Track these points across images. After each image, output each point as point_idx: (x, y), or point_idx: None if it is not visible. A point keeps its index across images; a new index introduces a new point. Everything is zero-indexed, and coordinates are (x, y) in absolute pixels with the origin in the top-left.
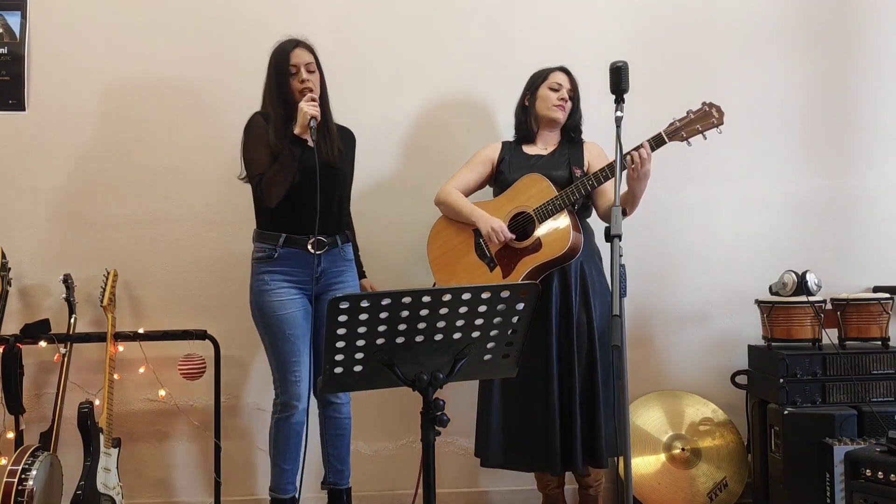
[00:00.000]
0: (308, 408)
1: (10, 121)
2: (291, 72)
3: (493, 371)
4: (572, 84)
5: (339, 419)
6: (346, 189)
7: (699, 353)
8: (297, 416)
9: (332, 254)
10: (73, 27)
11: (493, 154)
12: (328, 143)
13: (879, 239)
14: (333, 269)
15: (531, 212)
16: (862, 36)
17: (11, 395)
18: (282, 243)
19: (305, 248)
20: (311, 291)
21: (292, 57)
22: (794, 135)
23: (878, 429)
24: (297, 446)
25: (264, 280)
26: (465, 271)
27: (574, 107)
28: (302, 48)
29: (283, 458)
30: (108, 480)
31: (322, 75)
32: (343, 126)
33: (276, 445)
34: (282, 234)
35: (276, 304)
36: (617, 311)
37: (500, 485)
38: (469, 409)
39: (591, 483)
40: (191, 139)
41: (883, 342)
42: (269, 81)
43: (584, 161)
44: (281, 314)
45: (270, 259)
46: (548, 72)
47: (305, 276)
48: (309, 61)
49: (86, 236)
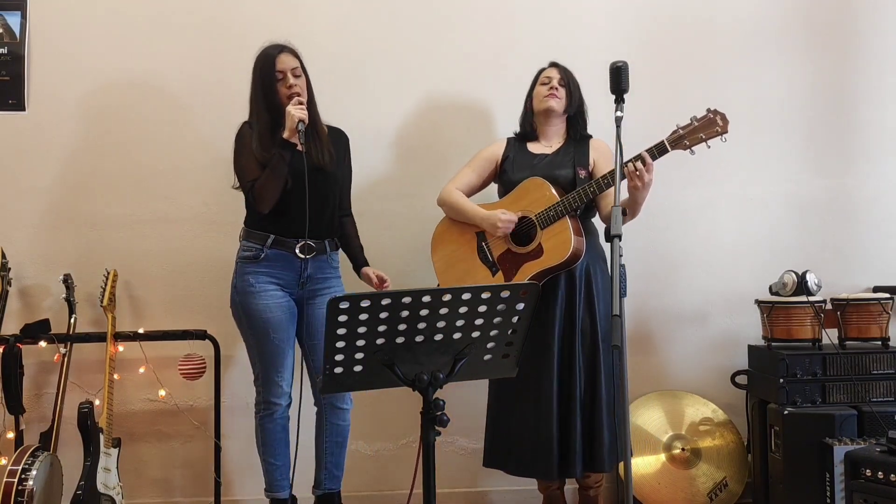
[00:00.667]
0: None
1: (9, 121)
2: (278, 77)
3: (493, 371)
4: (563, 74)
5: (341, 426)
6: (338, 193)
7: (699, 353)
8: (281, 411)
9: (320, 260)
10: (73, 27)
11: (497, 152)
12: (318, 147)
13: (879, 239)
14: (319, 276)
15: (533, 217)
16: (862, 36)
17: (11, 395)
18: (269, 244)
19: (293, 252)
20: (295, 294)
21: (278, 63)
22: (794, 135)
23: (878, 429)
24: (283, 442)
25: (249, 281)
26: (468, 275)
27: (570, 94)
28: (287, 53)
29: (271, 454)
30: (108, 480)
31: (308, 79)
32: (335, 127)
33: (265, 443)
34: (270, 234)
35: (262, 306)
36: (617, 311)
37: (500, 485)
38: (469, 410)
39: (592, 484)
40: (191, 139)
41: (883, 342)
42: (255, 88)
43: (589, 160)
44: (267, 316)
45: (257, 259)
46: (539, 71)
47: (291, 279)
48: (295, 66)
49: (86, 236)
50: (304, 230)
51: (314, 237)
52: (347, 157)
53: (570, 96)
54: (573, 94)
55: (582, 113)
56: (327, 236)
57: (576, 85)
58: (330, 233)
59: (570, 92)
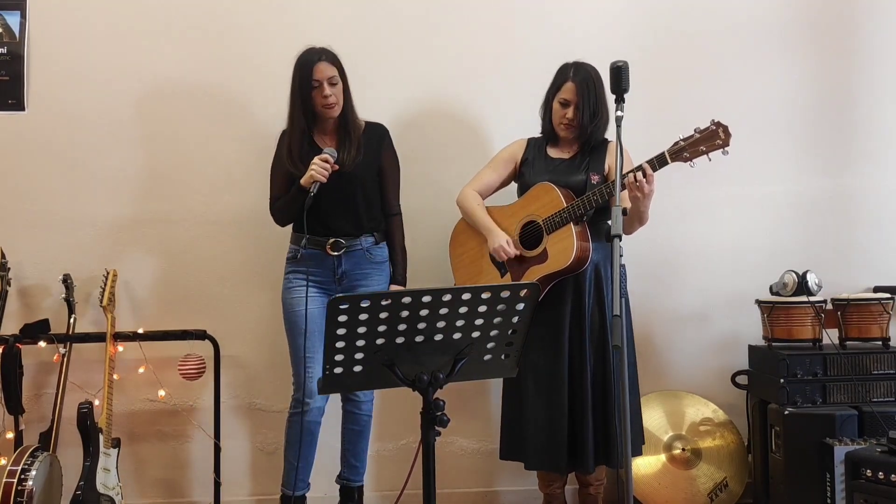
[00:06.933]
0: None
1: (9, 121)
2: (314, 86)
3: (493, 371)
4: (581, 93)
5: (357, 415)
6: (367, 190)
7: (699, 353)
8: (311, 414)
9: (355, 256)
10: (73, 27)
11: (517, 153)
12: (347, 150)
13: (880, 239)
14: (356, 272)
15: (540, 222)
16: (862, 36)
17: (11, 395)
18: (304, 244)
19: (324, 250)
20: (333, 291)
21: (315, 72)
22: (795, 134)
23: (878, 429)
24: (308, 444)
25: (289, 279)
26: (478, 275)
27: (587, 114)
28: (324, 62)
29: (293, 455)
30: (108, 481)
31: (346, 82)
32: (373, 123)
33: (288, 440)
34: (305, 235)
35: (295, 300)
36: (617, 311)
37: (500, 485)
38: (469, 410)
39: (592, 482)
40: (190, 139)
41: (883, 342)
42: (292, 94)
43: (604, 165)
44: (298, 310)
45: (295, 259)
46: (562, 80)
47: (326, 276)
48: (332, 75)
49: (86, 236)
50: (333, 229)
51: (345, 235)
52: (387, 152)
53: (587, 112)
54: (591, 111)
55: (598, 122)
56: (362, 233)
57: (596, 94)
58: (365, 229)
59: (587, 106)
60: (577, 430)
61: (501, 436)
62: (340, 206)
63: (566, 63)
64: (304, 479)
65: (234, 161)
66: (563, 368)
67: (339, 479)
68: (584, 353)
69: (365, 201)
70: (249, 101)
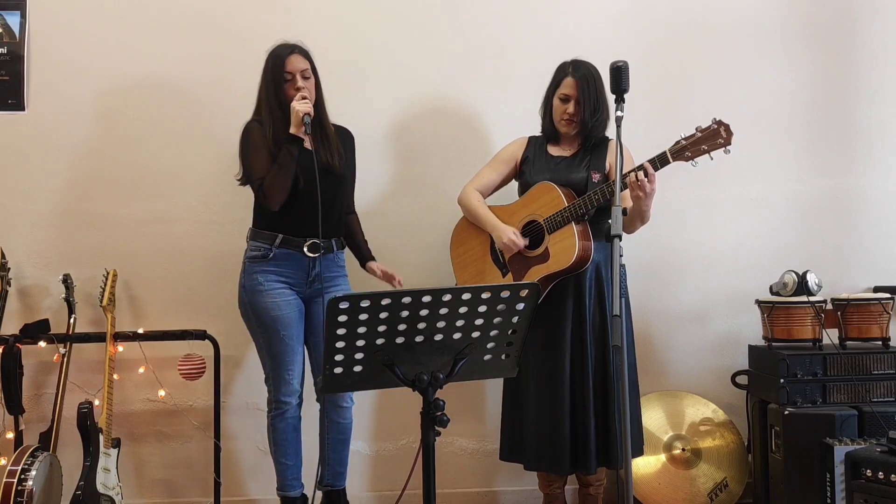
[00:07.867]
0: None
1: (9, 121)
2: (286, 78)
3: (493, 371)
4: (581, 85)
5: (343, 424)
6: (347, 193)
7: (699, 353)
8: (292, 411)
9: (327, 259)
10: (73, 27)
11: (518, 152)
12: (327, 148)
13: (880, 239)
14: (327, 275)
15: (542, 221)
16: (862, 36)
17: (11, 395)
18: (278, 243)
19: (301, 251)
20: (304, 293)
21: (287, 64)
22: (795, 134)
23: (878, 429)
24: (295, 441)
25: (258, 280)
26: (480, 275)
27: (589, 105)
28: (297, 55)
29: (283, 455)
30: (108, 481)
31: (318, 79)
32: (341, 126)
33: (276, 443)
34: (279, 234)
35: (272, 304)
36: (617, 311)
37: (500, 485)
38: (469, 410)
39: (592, 482)
40: (190, 139)
41: (883, 342)
42: (265, 87)
43: (605, 163)
44: (276, 314)
45: (265, 258)
46: (561, 76)
47: (299, 278)
48: (304, 68)
49: (85, 236)
50: (312, 229)
51: (322, 236)
52: (352, 156)
53: (588, 108)
54: (591, 108)
55: (600, 117)
56: (334, 235)
57: (596, 91)
58: (337, 232)
59: (588, 102)
60: (578, 431)
61: (502, 437)
62: (324, 207)
63: (564, 61)
64: (300, 477)
65: (234, 161)
66: (564, 369)
67: (320, 485)
68: (585, 353)
69: (342, 203)
70: (250, 100)
